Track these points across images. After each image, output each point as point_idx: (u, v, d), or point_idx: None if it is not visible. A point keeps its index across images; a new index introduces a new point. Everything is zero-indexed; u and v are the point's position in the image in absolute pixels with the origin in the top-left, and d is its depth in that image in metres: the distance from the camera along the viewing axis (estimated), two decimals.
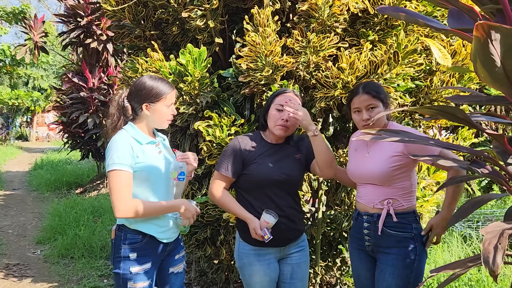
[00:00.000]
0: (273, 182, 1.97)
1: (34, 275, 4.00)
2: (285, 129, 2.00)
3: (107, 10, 2.76)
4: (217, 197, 2.03)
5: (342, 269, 3.24)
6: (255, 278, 2.02)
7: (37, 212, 6.77)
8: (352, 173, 2.05)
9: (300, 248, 2.11)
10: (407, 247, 1.86)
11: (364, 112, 1.92)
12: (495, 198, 1.27)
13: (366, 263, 2.01)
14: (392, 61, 2.28)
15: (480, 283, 2.80)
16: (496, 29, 0.86)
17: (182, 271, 2.07)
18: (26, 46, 8.06)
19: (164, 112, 1.90)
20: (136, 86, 1.90)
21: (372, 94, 1.90)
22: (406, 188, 1.91)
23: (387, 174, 1.87)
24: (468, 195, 5.79)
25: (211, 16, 2.57)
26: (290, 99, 1.99)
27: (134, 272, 1.81)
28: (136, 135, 1.86)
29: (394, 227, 1.88)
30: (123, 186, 1.75)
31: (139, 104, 1.88)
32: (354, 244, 2.07)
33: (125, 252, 1.82)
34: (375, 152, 1.95)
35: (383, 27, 2.58)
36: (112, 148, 1.78)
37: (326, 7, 2.32)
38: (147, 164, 1.84)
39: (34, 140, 24.45)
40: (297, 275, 2.08)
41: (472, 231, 3.87)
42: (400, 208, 1.89)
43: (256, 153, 2.02)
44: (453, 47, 2.60)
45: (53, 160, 12.74)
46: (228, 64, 2.76)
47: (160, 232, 1.89)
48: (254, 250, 2.03)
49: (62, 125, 8.17)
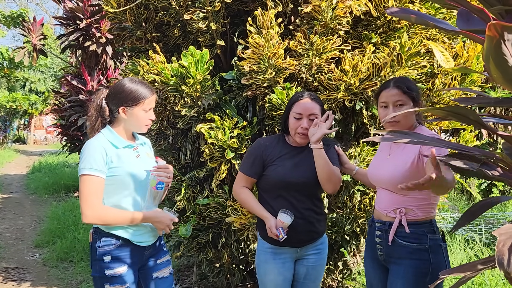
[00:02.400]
0: (290, 184, 1.98)
1: (33, 278, 3.97)
2: (305, 137, 1.99)
3: (108, 12, 2.75)
4: (238, 195, 2.10)
5: (344, 273, 3.23)
6: (269, 276, 2.05)
7: (35, 215, 6.73)
8: (370, 175, 1.96)
9: (318, 250, 2.11)
10: (420, 260, 1.74)
11: (391, 108, 1.78)
12: (504, 201, 1.26)
13: (379, 273, 1.92)
14: (395, 63, 2.27)
15: (483, 286, 2.79)
16: (509, 29, 0.85)
17: (169, 276, 2.03)
18: (24, 49, 8.03)
19: (142, 116, 1.86)
20: (115, 88, 1.85)
21: (402, 90, 1.76)
22: (424, 199, 1.76)
23: (402, 181, 1.69)
24: (468, 198, 5.79)
25: (213, 18, 2.57)
26: (306, 109, 1.96)
27: (109, 275, 1.80)
28: (112, 139, 1.83)
29: (407, 238, 1.76)
30: (92, 191, 1.73)
31: (116, 107, 1.84)
32: (368, 253, 1.99)
33: (100, 255, 1.81)
34: (396, 155, 1.83)
35: (386, 29, 2.57)
36: (85, 153, 1.76)
37: (329, 10, 2.32)
38: (123, 169, 1.81)
39: (32, 143, 24.35)
40: (311, 276, 2.11)
41: (475, 234, 3.87)
42: (415, 218, 1.77)
43: (276, 155, 2.03)
44: (455, 50, 2.60)
45: (51, 163, 12.68)
46: (230, 66, 2.75)
47: (135, 236, 1.86)
48: (271, 248, 2.06)
49: (61, 128, 8.13)
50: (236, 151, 2.48)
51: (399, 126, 1.79)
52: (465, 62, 2.60)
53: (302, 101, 1.99)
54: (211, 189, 2.69)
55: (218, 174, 2.53)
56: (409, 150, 1.76)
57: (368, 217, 2.70)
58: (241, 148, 2.47)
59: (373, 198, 2.62)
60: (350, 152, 2.63)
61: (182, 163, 2.92)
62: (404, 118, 1.78)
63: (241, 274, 3.09)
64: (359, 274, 3.49)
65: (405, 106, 1.76)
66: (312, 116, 1.97)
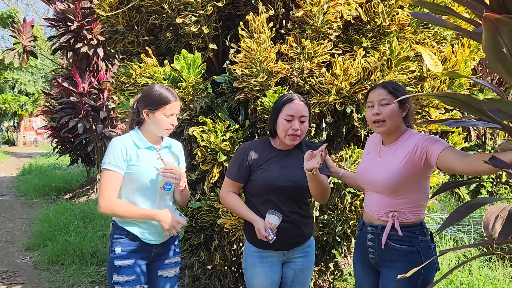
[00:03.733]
0: (277, 188, 1.98)
1: (23, 282, 3.95)
2: (295, 139, 2.00)
3: (100, 16, 2.76)
4: (225, 200, 2.10)
5: (335, 274, 3.26)
6: (256, 280, 2.06)
7: (25, 218, 6.68)
8: (360, 178, 1.96)
9: (305, 253, 2.12)
10: (412, 262, 1.74)
11: (376, 106, 1.79)
12: (490, 202, 1.30)
13: (369, 277, 1.93)
14: (385, 67, 2.31)
15: (472, 286, 2.83)
16: (503, 22, 0.88)
17: (174, 276, 2.13)
18: (14, 50, 7.97)
19: (163, 120, 1.96)
20: (144, 91, 2.01)
21: (388, 89, 1.78)
22: (415, 202, 1.78)
23: (396, 185, 1.76)
24: (457, 199, 5.86)
25: (205, 22, 2.58)
26: (298, 111, 1.97)
27: (118, 265, 1.94)
28: (136, 139, 1.98)
29: (399, 241, 1.78)
30: (108, 185, 1.89)
31: (142, 109, 1.98)
32: (358, 256, 1.99)
33: (113, 246, 1.97)
34: (387, 158, 1.83)
35: (376, 34, 2.61)
36: (109, 149, 1.92)
37: (320, 14, 2.35)
38: (140, 167, 1.94)
39: (22, 144, 24.13)
40: (299, 279, 2.11)
41: (463, 235, 3.93)
42: (407, 221, 1.78)
43: (262, 159, 2.04)
44: (444, 54, 2.64)
45: (41, 165, 12.59)
46: (222, 69, 2.77)
47: (143, 233, 1.98)
48: (258, 252, 2.07)
49: (51, 130, 8.09)
50: (228, 154, 2.50)
51: (386, 126, 1.80)
52: (454, 66, 2.65)
53: (293, 103, 1.98)
54: (204, 192, 2.71)
55: (211, 177, 2.55)
56: (402, 151, 1.78)
57: (358, 218, 2.74)
58: (233, 151, 2.49)
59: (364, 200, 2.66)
60: (341, 155, 2.67)
61: None
62: (389, 118, 1.78)
63: (234, 275, 3.10)
64: (350, 275, 3.52)
65: (390, 106, 1.77)
66: (302, 118, 1.98)
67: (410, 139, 1.79)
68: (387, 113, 1.77)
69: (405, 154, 1.76)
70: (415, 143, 1.74)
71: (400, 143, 1.82)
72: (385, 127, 1.81)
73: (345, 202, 2.76)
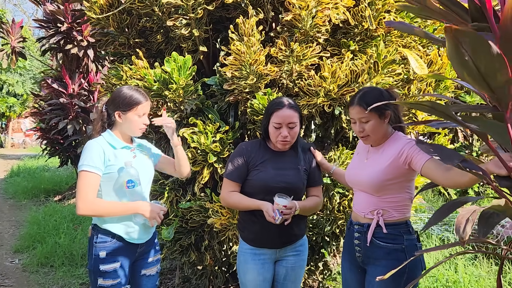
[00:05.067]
0: (272, 189, 2.01)
1: (12, 284, 3.92)
2: (286, 143, 2.05)
3: (91, 18, 2.77)
4: (227, 199, 2.10)
5: (324, 273, 3.30)
6: (248, 277, 2.10)
7: (14, 220, 6.62)
8: (348, 178, 2.03)
9: (297, 252, 2.16)
10: (397, 260, 1.77)
11: (358, 124, 1.87)
12: (471, 201, 1.34)
13: (356, 275, 1.97)
14: (372, 70, 2.36)
15: (457, 284, 2.89)
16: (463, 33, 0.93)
17: (155, 274, 2.18)
18: (3, 51, 7.91)
19: (135, 121, 2.00)
20: (113, 94, 2.03)
21: (363, 107, 1.80)
22: (400, 201, 1.84)
23: (380, 184, 1.82)
24: (445, 199, 5.95)
25: (195, 25, 2.61)
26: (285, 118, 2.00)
27: (103, 270, 1.93)
28: (110, 140, 2.00)
29: (384, 238, 1.83)
30: (86, 186, 1.87)
31: (113, 111, 2.01)
32: (346, 255, 2.04)
33: (96, 251, 1.94)
34: (374, 159, 1.90)
35: (363, 37, 2.66)
36: (85, 152, 1.92)
37: (309, 18, 2.39)
38: (119, 166, 1.95)
39: (10, 146, 23.83)
40: (290, 277, 2.16)
41: (450, 234, 3.99)
42: (391, 219, 1.84)
43: (258, 160, 2.08)
44: (430, 57, 2.70)
45: (30, 167, 12.45)
46: (212, 72, 2.80)
47: (129, 233, 1.99)
48: (250, 249, 2.11)
49: (41, 132, 8.01)
50: (219, 155, 2.53)
51: (372, 139, 1.88)
52: (439, 68, 2.71)
53: (280, 111, 2.01)
54: (194, 193, 2.73)
55: (201, 178, 2.58)
56: (388, 153, 1.85)
57: (347, 218, 2.78)
58: (223, 152, 2.52)
59: (352, 200, 2.70)
60: (330, 156, 2.71)
61: None
62: (372, 133, 1.85)
63: (224, 276, 3.13)
64: (339, 274, 3.57)
65: (370, 122, 1.82)
66: (291, 125, 2.02)
67: (396, 142, 1.85)
68: (369, 129, 1.84)
69: (390, 156, 1.82)
70: (401, 147, 1.80)
71: (387, 145, 1.88)
72: (371, 140, 1.89)
73: (333, 202, 2.80)
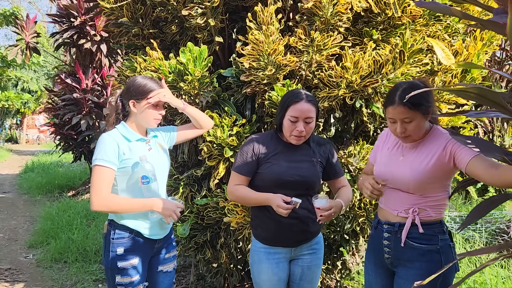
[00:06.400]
0: (285, 182, 1.91)
1: (26, 279, 3.91)
2: (300, 139, 1.94)
3: (104, 8, 2.70)
4: (233, 193, 2.00)
5: (342, 272, 3.20)
6: (263, 276, 2.00)
7: (28, 215, 6.65)
8: (382, 176, 1.83)
9: (313, 250, 2.06)
10: (431, 261, 1.68)
11: (399, 124, 1.69)
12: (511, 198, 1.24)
13: (382, 279, 1.86)
14: (397, 60, 2.24)
15: (484, 285, 2.78)
16: None
17: (172, 270, 2.12)
18: (17, 46, 7.93)
19: (150, 110, 1.94)
20: (127, 84, 1.98)
21: (408, 107, 1.64)
22: (439, 200, 1.73)
23: (424, 184, 1.70)
24: (464, 196, 5.79)
25: (211, 14, 2.53)
26: (303, 112, 1.88)
27: (121, 267, 1.87)
28: (125, 133, 1.93)
29: (419, 239, 1.71)
30: (101, 181, 1.81)
31: (127, 100, 1.95)
32: (370, 257, 1.91)
33: (113, 247, 1.89)
34: (413, 156, 1.75)
35: (386, 26, 2.54)
36: (99, 145, 1.86)
37: (330, 6, 2.28)
38: (134, 160, 1.89)
39: (24, 142, 24.16)
40: (307, 277, 2.06)
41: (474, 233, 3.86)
42: (428, 218, 1.72)
43: (270, 152, 1.97)
44: (455, 48, 2.58)
45: (44, 162, 12.57)
46: (228, 63, 2.71)
47: (146, 229, 1.93)
48: (264, 248, 2.01)
49: (54, 127, 8.03)
50: (235, 149, 2.44)
51: (413, 138, 1.74)
52: (465, 59, 2.58)
53: (298, 105, 1.89)
54: (209, 188, 2.65)
55: (217, 173, 2.49)
56: (429, 150, 1.71)
57: (367, 215, 2.68)
58: (239, 146, 2.44)
59: None
60: (349, 150, 2.61)
61: (179, 162, 2.87)
62: (415, 132, 1.71)
63: (239, 274, 3.05)
64: (358, 273, 3.47)
65: (413, 122, 1.68)
66: (308, 119, 1.90)
67: (437, 138, 1.72)
68: (412, 129, 1.69)
69: (433, 154, 1.69)
70: (444, 144, 1.67)
71: (427, 141, 1.75)
72: (412, 139, 1.75)
73: (354, 199, 2.69)
